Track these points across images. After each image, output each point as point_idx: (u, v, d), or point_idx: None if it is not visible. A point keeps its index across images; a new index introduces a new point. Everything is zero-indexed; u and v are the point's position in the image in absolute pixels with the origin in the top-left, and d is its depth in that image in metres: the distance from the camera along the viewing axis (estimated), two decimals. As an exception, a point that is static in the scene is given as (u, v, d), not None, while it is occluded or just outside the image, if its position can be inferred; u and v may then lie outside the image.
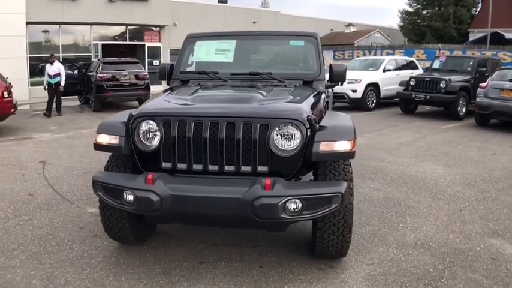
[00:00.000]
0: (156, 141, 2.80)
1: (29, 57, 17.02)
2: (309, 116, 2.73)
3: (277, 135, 2.68)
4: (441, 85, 9.94)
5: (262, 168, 2.71)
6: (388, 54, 17.29)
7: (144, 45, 20.20)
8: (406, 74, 12.31)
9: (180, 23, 20.88)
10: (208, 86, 3.73)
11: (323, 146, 2.69)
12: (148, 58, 19.89)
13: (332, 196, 2.56)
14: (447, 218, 3.93)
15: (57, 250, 3.28)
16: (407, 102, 11.09)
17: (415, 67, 13.69)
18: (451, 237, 3.49)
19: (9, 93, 8.25)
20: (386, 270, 2.95)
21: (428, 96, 10.16)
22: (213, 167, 2.75)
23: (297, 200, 2.53)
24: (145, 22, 19.87)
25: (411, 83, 10.66)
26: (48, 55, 11.82)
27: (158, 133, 2.79)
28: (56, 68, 10.88)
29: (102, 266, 3.05)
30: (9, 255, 3.17)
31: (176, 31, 20.21)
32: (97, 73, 12.16)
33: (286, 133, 2.69)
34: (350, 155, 2.76)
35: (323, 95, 3.62)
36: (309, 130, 2.69)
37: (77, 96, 14.26)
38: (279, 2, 61.09)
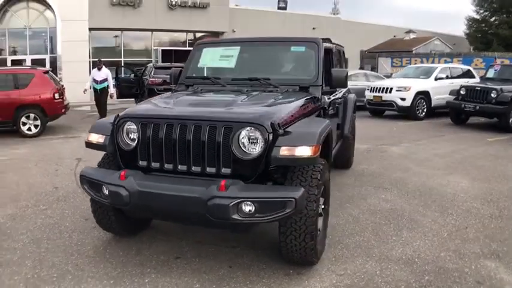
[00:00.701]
0: (134, 141, 3.02)
1: (92, 61, 18.62)
2: (273, 121, 2.76)
3: (239, 138, 2.75)
4: (492, 95, 9.18)
5: (225, 170, 2.80)
6: (446, 62, 16.32)
7: None
8: (461, 83, 11.55)
9: (238, 30, 21.48)
10: (205, 90, 3.91)
11: (283, 151, 2.70)
12: None
13: (286, 201, 2.57)
14: (447, 235, 3.67)
15: (57, 237, 3.62)
16: (457, 113, 10.37)
17: (472, 76, 12.77)
18: (441, 255, 3.27)
19: (61, 95, 9.13)
20: (354, 283, 2.86)
21: (478, 107, 9.42)
22: (181, 167, 2.89)
23: (249, 203, 2.58)
24: (204, 29, 20.68)
25: (461, 92, 9.96)
26: (108, 60, 12.76)
27: (136, 133, 3.00)
28: (103, 73, 10.84)
29: (89, 253, 3.32)
30: (15, 239, 3.57)
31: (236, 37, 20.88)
32: (149, 77, 12.98)
33: (248, 137, 2.75)
34: (311, 160, 2.74)
35: (313, 101, 3.61)
36: (271, 135, 2.72)
37: (133, 99, 15.32)
38: (351, 7, 60.06)
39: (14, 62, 17.01)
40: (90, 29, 18.31)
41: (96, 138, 3.22)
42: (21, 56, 17.88)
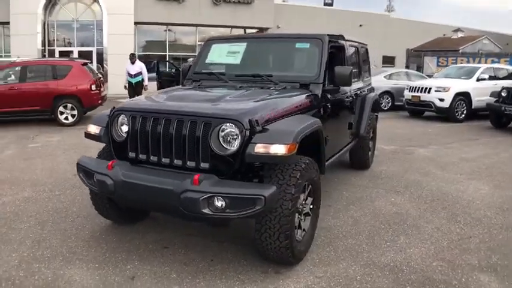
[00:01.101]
0: (125, 133, 3.13)
1: (137, 54, 19.34)
2: (251, 117, 2.75)
3: (218, 134, 2.77)
4: (535, 97, 8.51)
5: (204, 165, 2.83)
6: (493, 62, 15.30)
7: None
8: (505, 84, 10.80)
9: (283, 26, 21.41)
10: (206, 86, 3.97)
11: (258, 148, 2.69)
12: None
13: (255, 198, 2.56)
14: (447, 244, 3.48)
15: (61, 221, 3.85)
16: (498, 115, 9.69)
17: (519, 77, 11.89)
18: (433, 265, 3.10)
19: (98, 86, 9.58)
20: (330, 287, 2.80)
21: (519, 110, 8.78)
22: (165, 160, 2.97)
23: (220, 198, 2.60)
24: (248, 24, 20.74)
25: (502, 94, 9.31)
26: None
27: (127, 126, 3.11)
28: (137, 67, 10.87)
29: (86, 238, 3.50)
30: (23, 220, 3.84)
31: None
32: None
33: (226, 133, 2.77)
34: (285, 159, 2.71)
35: (310, 99, 3.55)
36: (248, 131, 2.72)
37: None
38: (410, 4, 57.61)
39: (61, 54, 18.07)
40: (136, 23, 19.01)
41: (94, 129, 3.37)
42: (69, 47, 18.92)
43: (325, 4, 25.69)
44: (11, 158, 6.29)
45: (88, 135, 3.44)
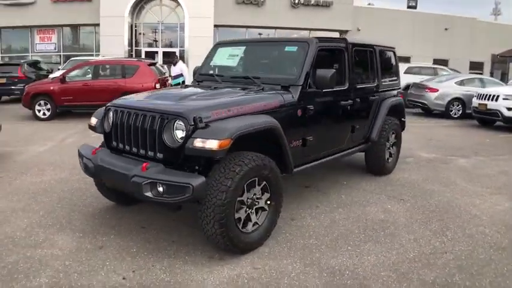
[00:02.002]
0: (110, 126, 3.64)
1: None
2: (197, 115, 3.03)
3: (169, 128, 3.11)
4: None
5: (159, 155, 3.20)
6: None
7: None
8: None
9: (364, 29, 20.97)
10: (199, 86, 4.35)
11: (196, 142, 2.97)
12: None
13: (185, 186, 2.85)
14: (413, 256, 3.33)
15: (76, 198, 4.53)
16: None
17: None
18: (380, 275, 3.03)
19: (162, 85, 10.52)
20: (259, 278, 2.95)
21: None
22: (133, 149, 3.40)
23: (159, 184, 2.94)
24: (326, 27, 20.68)
25: None
26: None
27: (111, 119, 3.62)
28: (178, 68, 10.86)
29: (87, 213, 4.11)
30: (48, 195, 4.61)
31: (360, 36, 20.48)
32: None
33: (174, 127, 3.09)
34: (214, 153, 2.94)
35: (278, 100, 3.69)
36: (191, 127, 3.01)
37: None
38: None
39: (147, 54, 19.97)
40: (216, 26, 20.18)
41: (93, 121, 3.94)
42: (154, 48, 20.79)
43: (408, 7, 24.32)
44: (68, 145, 7.35)
45: (89, 127, 4.04)
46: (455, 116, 12.04)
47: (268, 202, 3.43)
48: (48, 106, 10.16)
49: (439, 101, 12.05)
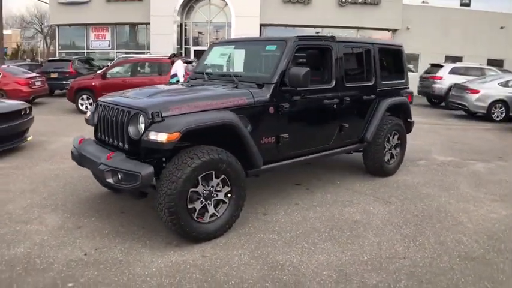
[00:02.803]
0: (97, 119, 4.02)
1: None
2: (155, 110, 3.28)
3: (133, 122, 3.39)
4: None
5: (126, 146, 3.50)
6: None
7: None
8: None
9: (413, 27, 20.14)
10: (187, 84, 4.60)
11: (150, 135, 3.22)
12: None
13: (135, 174, 3.12)
14: (366, 259, 3.30)
15: (81, 184, 4.99)
16: None
17: None
18: (322, 273, 3.06)
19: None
20: (202, 265, 3.13)
21: None
22: (109, 141, 3.73)
23: (118, 172, 3.23)
24: (375, 26, 20.11)
25: None
26: None
27: (98, 113, 3.99)
28: (173, 68, 10.05)
29: (83, 197, 4.53)
30: (57, 180, 5.13)
31: (409, 35, 19.78)
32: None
33: (137, 121, 3.36)
34: (163, 145, 3.17)
35: (245, 97, 3.82)
36: (150, 121, 3.26)
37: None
38: None
39: (196, 52, 20.70)
40: (262, 25, 20.42)
41: (87, 115, 4.35)
42: (203, 47, 21.48)
43: (461, 4, 22.77)
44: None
45: (85, 120, 4.45)
46: (498, 119, 11.21)
47: (229, 195, 3.60)
48: (90, 100, 11.04)
49: (480, 103, 11.29)
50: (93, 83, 11.05)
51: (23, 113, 6.48)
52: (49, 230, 3.68)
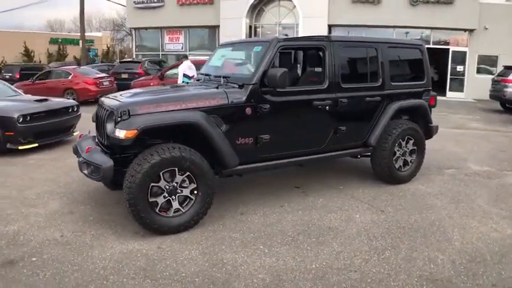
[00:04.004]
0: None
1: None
2: (124, 109, 3.56)
3: (110, 120, 3.69)
4: None
5: (106, 142, 3.84)
6: None
7: (448, 49, 18.90)
8: None
9: (492, 27, 18.20)
10: (182, 84, 4.84)
11: (115, 132, 3.49)
12: (452, 63, 18.63)
13: (98, 167, 3.44)
14: (316, 267, 3.19)
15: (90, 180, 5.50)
16: None
17: None
18: (257, 276, 3.06)
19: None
20: (153, 256, 3.32)
21: None
22: (101, 139, 4.10)
23: (89, 164, 3.57)
24: (449, 25, 18.51)
25: None
26: None
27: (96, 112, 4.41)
28: (181, 69, 10.03)
29: (84, 189, 4.93)
30: (71, 175, 5.51)
31: (488, 36, 18.06)
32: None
33: (111, 119, 3.66)
34: (122, 141, 3.43)
35: (220, 98, 3.92)
36: (118, 118, 3.53)
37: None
38: None
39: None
40: (330, 26, 20.08)
41: (93, 114, 4.80)
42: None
43: None
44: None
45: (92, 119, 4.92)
46: None
47: (195, 192, 3.74)
48: (148, 99, 11.92)
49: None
50: (151, 83, 11.92)
51: (70, 110, 7.31)
52: (46, 214, 4.19)
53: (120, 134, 3.44)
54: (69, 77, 13.05)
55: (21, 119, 6.28)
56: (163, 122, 3.56)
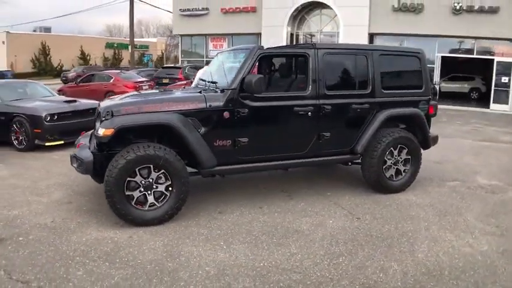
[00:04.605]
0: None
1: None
2: (109, 110, 3.95)
3: (97, 119, 4.10)
4: None
5: (96, 140, 4.23)
6: None
7: (493, 60, 17.82)
8: None
9: None
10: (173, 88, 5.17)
11: (99, 130, 3.87)
12: (496, 74, 17.59)
13: (81, 161, 3.84)
14: (261, 265, 3.33)
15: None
16: None
17: None
18: (205, 269, 3.28)
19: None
20: (117, 242, 3.64)
21: None
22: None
23: (77, 159, 4.01)
24: (493, 35, 17.43)
25: None
26: None
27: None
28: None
29: (91, 183, 5.07)
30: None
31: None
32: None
33: (98, 118, 4.05)
34: (101, 139, 3.82)
35: (197, 102, 4.20)
36: (103, 119, 3.91)
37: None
38: None
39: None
40: (371, 34, 19.80)
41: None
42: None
43: None
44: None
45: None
46: None
47: (170, 188, 4.02)
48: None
49: None
50: (183, 87, 12.50)
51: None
52: (47, 202, 4.69)
53: (100, 132, 3.83)
54: (111, 81, 14.06)
55: (48, 118, 6.99)
56: (138, 122, 3.90)
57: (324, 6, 20.46)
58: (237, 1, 21.94)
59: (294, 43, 21.68)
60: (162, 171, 3.97)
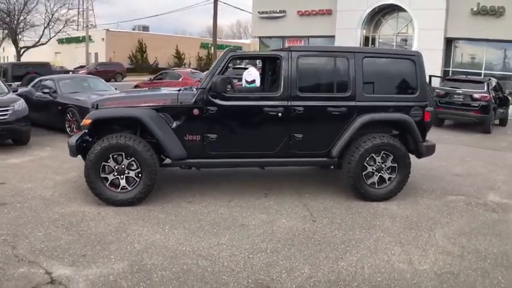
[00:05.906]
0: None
1: (445, 70, 18.56)
2: (94, 104, 4.62)
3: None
4: None
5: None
6: None
7: None
8: None
9: None
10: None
11: (84, 120, 4.50)
12: None
13: (71, 146, 4.61)
14: (209, 270, 3.62)
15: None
16: None
17: None
18: (134, 246, 3.67)
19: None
20: (86, 216, 4.24)
21: None
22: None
23: (68, 144, 4.73)
24: None
25: None
26: None
27: None
28: (252, 75, 9.69)
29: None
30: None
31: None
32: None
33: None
34: (83, 127, 4.47)
35: (163, 99, 4.68)
36: (90, 110, 4.59)
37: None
38: None
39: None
40: (450, 39, 18.31)
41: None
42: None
43: None
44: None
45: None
46: None
47: (140, 175, 4.53)
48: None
49: None
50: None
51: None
52: (59, 180, 5.58)
53: (82, 121, 4.52)
54: (180, 79, 15.28)
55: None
56: (110, 114, 4.50)
57: (400, 9, 19.47)
58: (312, 4, 22.00)
59: (369, 45, 20.97)
60: (133, 158, 4.50)
